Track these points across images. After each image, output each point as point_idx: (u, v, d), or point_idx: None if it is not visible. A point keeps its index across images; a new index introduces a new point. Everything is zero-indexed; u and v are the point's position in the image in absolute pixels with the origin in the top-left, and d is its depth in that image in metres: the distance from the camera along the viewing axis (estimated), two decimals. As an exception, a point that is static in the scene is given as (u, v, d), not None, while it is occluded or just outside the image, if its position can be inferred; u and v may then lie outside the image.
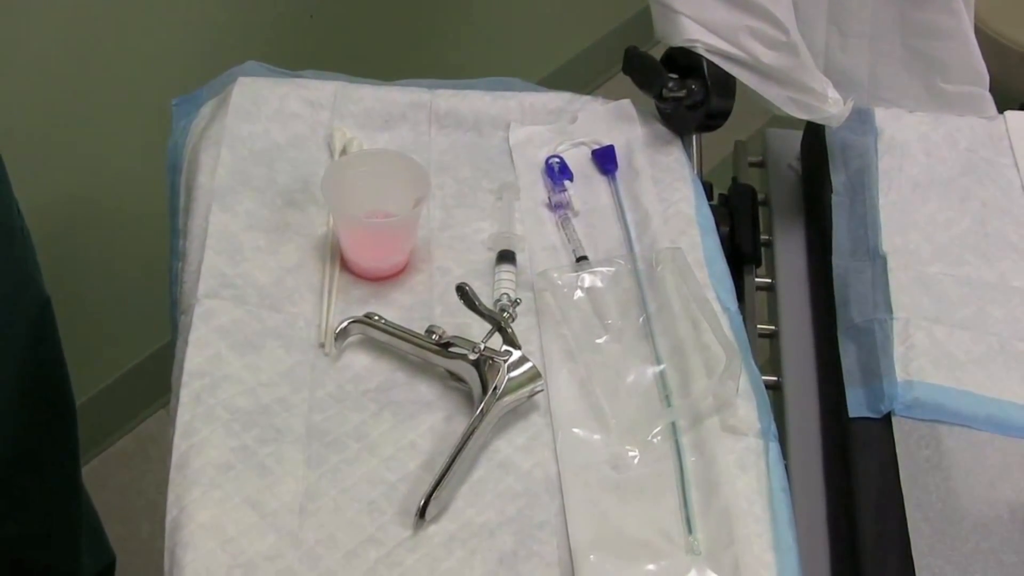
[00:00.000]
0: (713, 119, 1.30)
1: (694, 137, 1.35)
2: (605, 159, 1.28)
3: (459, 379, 1.05)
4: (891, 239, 1.24)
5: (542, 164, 1.27)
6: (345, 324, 1.07)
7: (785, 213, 1.41)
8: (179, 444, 0.98)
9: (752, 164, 1.50)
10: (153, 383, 2.18)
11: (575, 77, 2.69)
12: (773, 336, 1.29)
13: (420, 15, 2.22)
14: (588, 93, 1.39)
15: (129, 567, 1.88)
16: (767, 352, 1.30)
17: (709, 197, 1.31)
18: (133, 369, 2.16)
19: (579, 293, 1.14)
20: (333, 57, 1.43)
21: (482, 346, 1.03)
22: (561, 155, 1.28)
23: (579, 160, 1.29)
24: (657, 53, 1.34)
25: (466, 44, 2.42)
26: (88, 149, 1.78)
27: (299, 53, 1.79)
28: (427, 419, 1.03)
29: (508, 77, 1.37)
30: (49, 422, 1.52)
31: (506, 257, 1.16)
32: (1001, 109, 1.43)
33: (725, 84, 1.29)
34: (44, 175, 1.72)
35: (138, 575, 1.90)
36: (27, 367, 1.39)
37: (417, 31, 2.22)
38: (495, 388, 1.01)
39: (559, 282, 1.14)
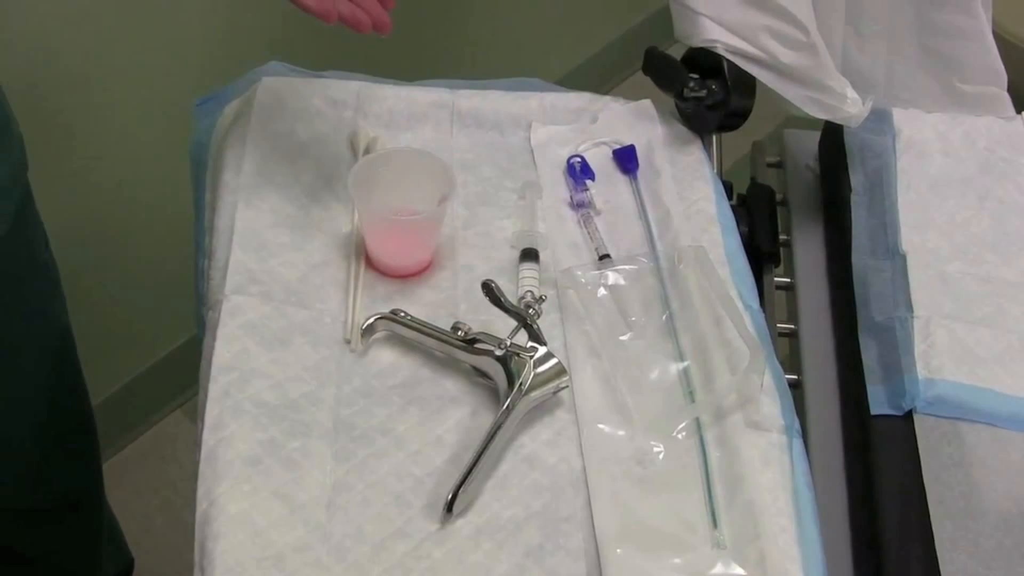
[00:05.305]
0: (733, 119, 1.31)
1: (714, 137, 1.36)
2: (626, 158, 1.29)
3: (484, 375, 1.06)
4: (910, 238, 1.25)
5: (564, 163, 1.28)
6: (371, 320, 1.08)
7: (803, 213, 1.42)
8: (208, 438, 0.98)
9: (770, 165, 1.50)
10: (168, 384, 2.19)
11: (593, 76, 2.70)
12: (793, 335, 1.30)
13: (437, 15, 2.22)
14: (606, 92, 1.39)
15: (145, 565, 1.89)
16: (787, 351, 1.30)
17: (729, 197, 1.32)
18: (148, 370, 2.17)
19: (602, 291, 1.15)
20: (351, 59, 1.44)
21: (508, 342, 1.04)
22: (582, 154, 1.29)
23: (600, 159, 1.30)
24: (675, 53, 1.35)
25: (483, 44, 2.42)
26: (109, 147, 1.79)
27: (317, 55, 1.80)
28: (453, 414, 1.04)
29: (528, 78, 1.38)
30: (70, 447, 1.53)
31: (529, 255, 1.17)
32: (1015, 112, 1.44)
33: (745, 84, 1.29)
34: (65, 172, 1.73)
35: (154, 573, 1.91)
36: (45, 394, 1.41)
37: (434, 31, 2.22)
38: (521, 384, 1.02)
39: (582, 280, 1.14)
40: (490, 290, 1.07)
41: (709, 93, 1.30)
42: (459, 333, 1.06)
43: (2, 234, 1.18)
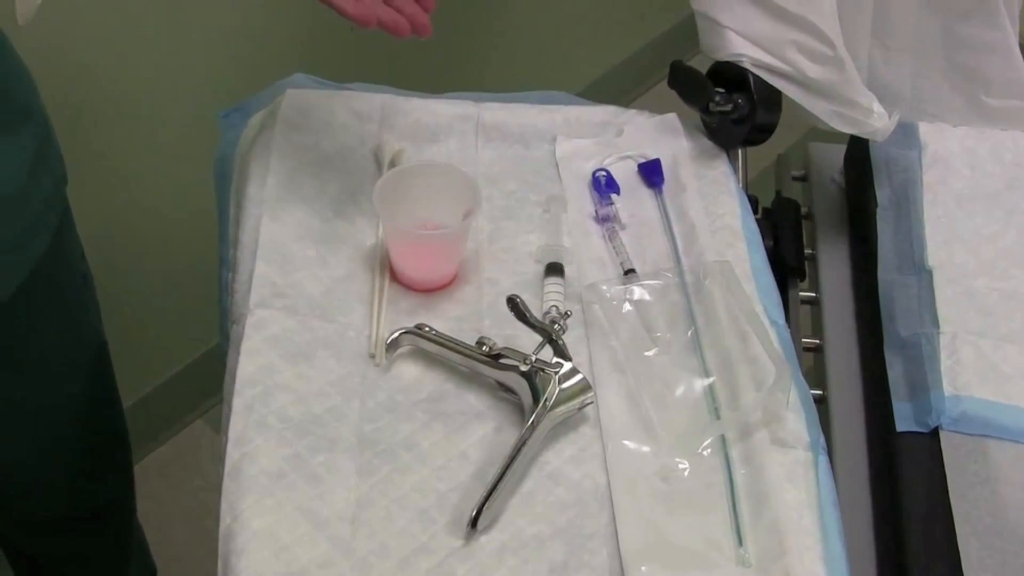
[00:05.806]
0: (759, 133, 1.31)
1: (739, 151, 1.35)
2: (651, 172, 1.29)
3: (509, 390, 1.06)
4: (937, 253, 1.24)
5: (589, 177, 1.28)
6: (396, 335, 1.08)
7: (829, 227, 1.42)
8: (232, 453, 0.98)
9: (795, 178, 1.50)
10: (189, 395, 2.19)
11: (617, 86, 2.70)
12: (818, 350, 1.29)
13: (459, 28, 2.23)
14: (630, 102, 1.39)
15: (167, 575, 1.89)
16: (811, 365, 1.30)
17: (754, 211, 1.31)
18: (170, 379, 2.17)
19: (627, 306, 1.14)
20: (376, 71, 1.44)
21: (533, 358, 1.04)
22: (607, 168, 1.29)
23: (625, 173, 1.29)
24: (697, 64, 1.35)
25: (507, 55, 2.43)
26: (136, 158, 1.80)
27: (342, 67, 1.80)
28: (478, 430, 1.04)
29: (553, 91, 1.38)
30: (104, 457, 1.54)
31: (554, 269, 1.17)
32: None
33: (771, 98, 1.29)
34: (91, 182, 1.73)
35: (176, 583, 1.92)
36: (81, 405, 1.41)
37: (458, 43, 2.23)
38: (546, 400, 1.01)
39: (607, 295, 1.14)
40: (515, 305, 1.07)
41: (735, 107, 1.29)
42: (484, 348, 1.06)
43: (45, 246, 1.18)
